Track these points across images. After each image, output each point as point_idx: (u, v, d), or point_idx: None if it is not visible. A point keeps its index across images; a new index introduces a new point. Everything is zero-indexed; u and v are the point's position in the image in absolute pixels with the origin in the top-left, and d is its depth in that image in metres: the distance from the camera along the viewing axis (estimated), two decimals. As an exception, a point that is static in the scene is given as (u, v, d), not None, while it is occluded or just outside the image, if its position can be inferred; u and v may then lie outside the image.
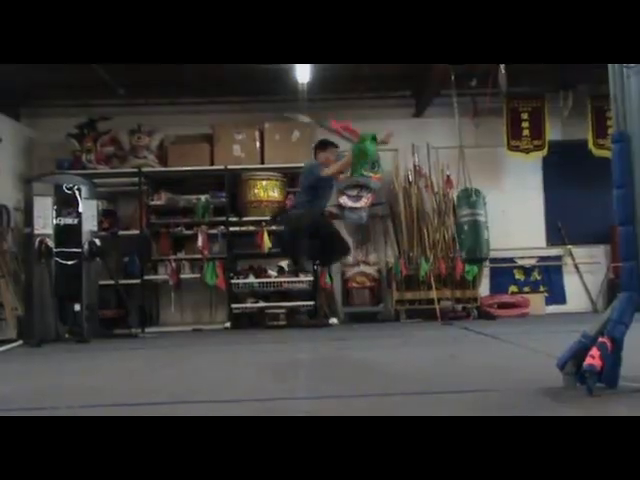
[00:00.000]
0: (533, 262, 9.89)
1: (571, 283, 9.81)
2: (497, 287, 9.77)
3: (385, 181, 9.48)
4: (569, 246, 9.81)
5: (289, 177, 9.24)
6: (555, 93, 9.13)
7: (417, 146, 9.75)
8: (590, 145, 9.39)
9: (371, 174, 9.30)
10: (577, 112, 9.31)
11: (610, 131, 9.30)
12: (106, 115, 9.03)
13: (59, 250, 7.72)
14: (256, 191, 9.03)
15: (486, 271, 9.65)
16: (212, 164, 9.13)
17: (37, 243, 7.61)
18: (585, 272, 9.82)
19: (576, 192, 9.76)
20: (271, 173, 9.08)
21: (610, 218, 9.75)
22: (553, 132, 9.50)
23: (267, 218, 8.92)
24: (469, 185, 9.00)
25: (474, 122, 9.23)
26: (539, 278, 9.86)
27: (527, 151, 9.34)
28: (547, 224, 9.95)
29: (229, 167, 9.03)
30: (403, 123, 9.72)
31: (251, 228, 9.02)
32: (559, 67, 8.14)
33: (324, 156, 5.92)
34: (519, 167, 9.69)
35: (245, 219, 9.05)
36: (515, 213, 9.51)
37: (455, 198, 8.97)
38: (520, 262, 9.84)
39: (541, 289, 9.76)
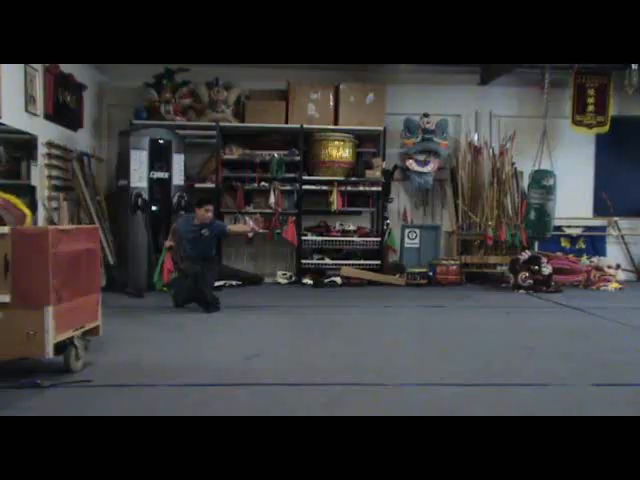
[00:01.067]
0: (579, 231, 10.39)
1: (614, 253, 10.36)
2: (543, 253, 10.28)
3: (450, 147, 9.85)
4: (615, 217, 10.31)
5: (361, 139, 9.48)
6: (621, 70, 9.39)
7: (480, 114, 10.02)
8: (649, 123, 9.78)
9: (440, 140, 9.69)
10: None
11: (670, 111, 9.70)
12: (182, 66, 9.01)
13: (152, 203, 7.93)
14: (329, 151, 9.24)
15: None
16: (287, 122, 9.28)
17: (133, 196, 7.79)
18: (628, 243, 10.37)
19: (625, 166, 10.21)
20: (344, 134, 9.28)
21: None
22: (614, 108, 9.83)
23: (340, 178, 9.25)
24: (545, 164, 9.21)
25: (543, 93, 9.47)
26: (584, 247, 10.38)
27: (591, 126, 9.69)
28: (595, 195, 10.41)
29: (304, 126, 9.19)
30: (467, 90, 9.97)
31: (323, 187, 9.28)
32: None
33: (201, 212, 6.82)
34: (574, 138, 10.05)
35: (317, 178, 9.29)
36: (565, 183, 9.88)
37: (528, 177, 9.25)
38: (567, 231, 10.33)
39: (585, 257, 10.28)
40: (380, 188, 9.39)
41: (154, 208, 7.97)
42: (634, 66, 8.82)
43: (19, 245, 3.64)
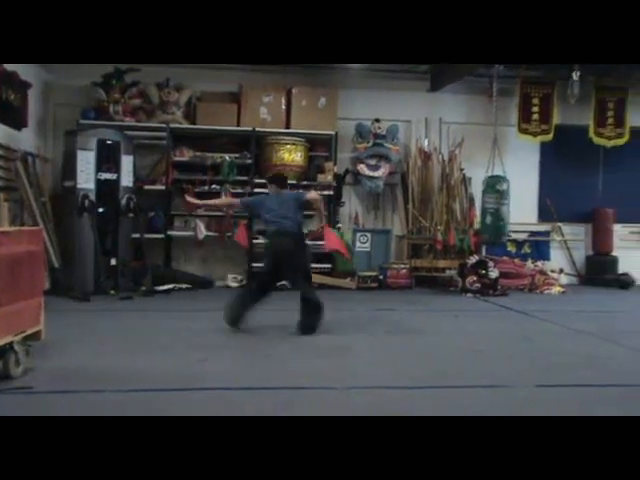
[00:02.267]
0: (525, 236, 10.68)
1: (557, 257, 10.68)
2: (490, 258, 10.52)
3: (400, 152, 9.99)
4: (558, 223, 10.63)
5: (313, 143, 9.52)
6: (564, 80, 9.70)
7: (430, 120, 10.18)
8: (591, 133, 10.12)
9: (391, 145, 9.82)
10: (581, 100, 9.94)
11: (610, 121, 10.09)
12: (132, 66, 8.85)
13: (99, 205, 7.77)
14: (281, 154, 9.24)
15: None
16: (239, 125, 9.24)
17: (80, 197, 7.62)
18: (571, 248, 10.71)
19: (568, 174, 10.55)
20: (296, 138, 9.29)
21: (594, 199, 10.72)
22: (557, 117, 10.14)
23: (292, 181, 9.23)
24: (497, 170, 9.41)
25: (491, 102, 9.69)
26: (529, 251, 10.67)
27: (535, 134, 9.98)
28: (540, 202, 10.71)
29: (257, 129, 9.16)
30: (418, 96, 10.12)
31: (275, 190, 9.25)
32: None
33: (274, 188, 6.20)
34: (520, 146, 10.32)
35: (269, 181, 9.26)
36: (512, 189, 10.08)
37: (483, 182, 9.44)
38: (513, 235, 10.59)
39: (530, 262, 10.55)
40: (332, 192, 9.43)
41: (101, 210, 7.80)
42: (575, 77, 9.13)
43: (-43, 247, 3.51)
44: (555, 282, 9.52)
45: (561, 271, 9.95)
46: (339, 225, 9.58)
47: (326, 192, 9.40)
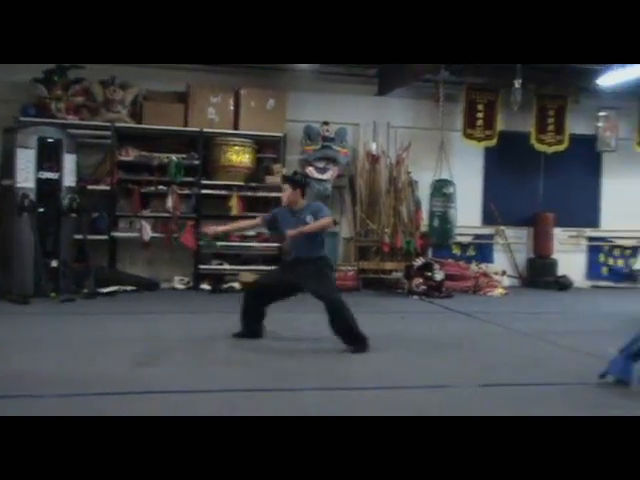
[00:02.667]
0: (469, 239, 10.91)
1: (500, 260, 10.96)
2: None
3: (349, 155, 10.06)
4: (501, 226, 10.91)
5: (262, 145, 9.49)
6: (508, 87, 9.96)
7: (378, 124, 10.29)
8: (532, 139, 10.43)
9: (339, 148, 9.88)
10: (524, 107, 10.22)
11: (550, 128, 10.43)
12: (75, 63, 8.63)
13: (40, 205, 7.55)
14: (229, 155, 9.17)
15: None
16: (186, 125, 9.12)
17: (19, 197, 7.38)
18: (513, 251, 11.00)
19: (510, 179, 10.84)
20: (245, 139, 9.24)
21: (535, 204, 11.06)
22: (501, 123, 10.41)
23: (240, 183, 9.20)
24: (444, 174, 9.57)
25: (437, 107, 9.86)
26: (473, 254, 10.91)
27: (480, 140, 10.21)
28: (484, 205, 10.96)
29: (203, 130, 9.07)
30: (366, 100, 10.21)
31: (223, 192, 9.19)
32: (513, 65, 8.96)
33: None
34: (465, 151, 10.54)
35: (216, 182, 9.19)
36: (458, 193, 10.30)
37: (430, 186, 9.59)
38: (458, 238, 10.79)
39: (474, 264, 10.78)
40: (280, 194, 9.40)
41: (42, 210, 7.57)
42: (517, 84, 9.37)
43: None
44: (498, 284, 9.76)
45: (504, 273, 10.20)
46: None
47: (275, 194, 9.39)
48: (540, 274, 10.77)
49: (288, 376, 4.28)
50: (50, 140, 7.66)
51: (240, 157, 9.22)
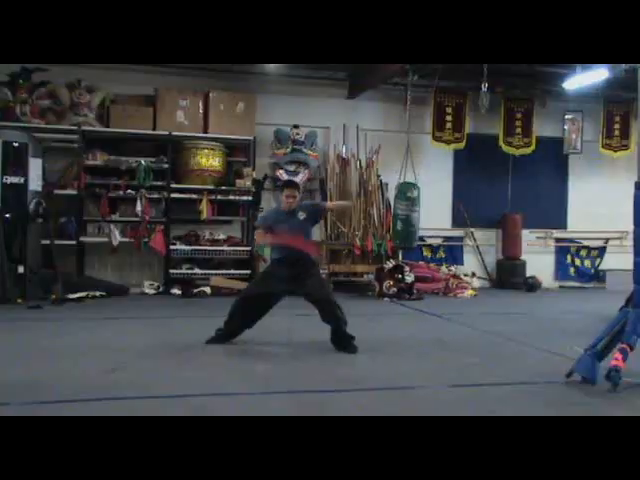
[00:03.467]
0: (439, 241, 11.01)
1: (470, 261, 11.08)
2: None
3: (319, 158, 10.08)
4: (471, 228, 11.03)
5: (232, 148, 9.45)
6: (476, 91, 10.08)
7: (347, 127, 10.33)
8: (500, 142, 10.58)
9: (309, 152, 9.90)
10: (492, 110, 10.36)
11: (518, 131, 10.58)
12: (40, 66, 8.50)
13: (5, 210, 7.41)
14: (198, 159, 9.12)
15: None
16: (155, 128, 9.06)
17: (-17, 202, 7.24)
18: (483, 252, 11.13)
19: (479, 181, 10.98)
20: (214, 143, 9.20)
21: (503, 206, 11.18)
22: (469, 126, 10.53)
23: (209, 187, 9.15)
24: (409, 177, 9.62)
25: (405, 110, 9.93)
26: (444, 256, 11.01)
27: (449, 142, 10.31)
28: (453, 208, 11.07)
29: (172, 133, 9.01)
30: (336, 103, 10.25)
31: (193, 196, 9.13)
32: (480, 68, 9.08)
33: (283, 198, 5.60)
34: (435, 153, 10.64)
35: (186, 186, 9.13)
36: (427, 196, 10.37)
37: (395, 189, 9.64)
38: (429, 240, 10.90)
39: (444, 266, 10.87)
40: (251, 197, 9.39)
41: (7, 215, 7.44)
42: (484, 87, 9.50)
43: None
44: (468, 286, 9.86)
45: (473, 275, 10.33)
46: (259, 231, 9.52)
47: (245, 197, 9.37)
48: (509, 275, 10.92)
49: (256, 379, 4.27)
50: (15, 144, 7.54)
51: (210, 161, 9.18)
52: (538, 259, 11.15)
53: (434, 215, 10.62)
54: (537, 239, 11.40)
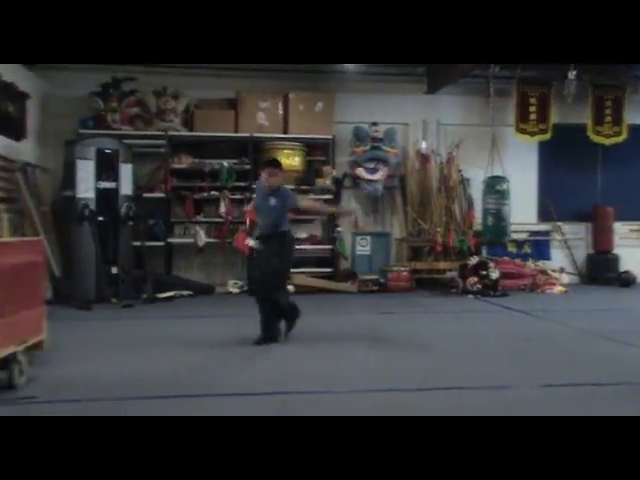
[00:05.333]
0: (525, 236, 10.68)
1: (558, 256, 10.68)
2: (490, 259, 10.52)
3: (398, 155, 10.00)
4: (558, 222, 10.63)
5: (311, 147, 9.54)
6: (561, 80, 9.70)
7: (427, 122, 10.20)
8: (589, 131, 10.13)
9: (389, 149, 9.84)
10: (579, 99, 9.96)
11: (608, 119, 10.11)
12: (129, 75, 8.88)
13: (99, 214, 7.79)
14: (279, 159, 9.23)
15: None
16: (236, 131, 9.28)
17: (80, 207, 7.64)
18: (571, 247, 10.70)
19: (567, 173, 10.56)
20: (294, 143, 9.32)
21: (593, 198, 10.72)
22: (555, 116, 10.15)
23: (289, 186, 9.23)
24: (498, 170, 9.42)
25: (488, 103, 9.70)
26: (529, 251, 10.67)
27: (533, 134, 9.99)
28: (539, 201, 10.71)
29: (254, 135, 9.19)
30: (414, 99, 10.14)
31: (274, 196, 9.26)
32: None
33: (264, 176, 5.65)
34: (518, 146, 10.33)
35: (268, 186, 9.27)
36: (511, 189, 10.09)
37: (483, 183, 9.44)
38: (513, 236, 10.57)
39: (530, 261, 10.53)
40: (330, 196, 9.44)
41: (101, 218, 7.83)
42: (571, 76, 9.14)
43: (-42, 258, 3.52)
44: (556, 282, 9.52)
45: (562, 270, 9.95)
46: (338, 229, 9.60)
47: (325, 196, 9.43)
48: (601, 270, 10.46)
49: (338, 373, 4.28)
50: (107, 151, 7.91)
51: (290, 160, 9.29)
52: (632, 253, 10.59)
53: (519, 209, 10.28)
54: (630, 232, 10.85)
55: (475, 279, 8.77)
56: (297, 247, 9.14)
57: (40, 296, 4.25)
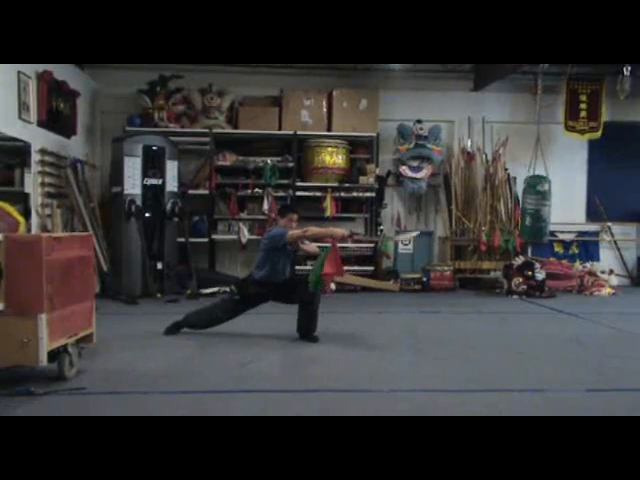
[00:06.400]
0: (572, 237, 10.43)
1: (607, 257, 10.40)
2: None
3: (443, 153, 9.87)
4: (608, 223, 10.35)
5: (355, 145, 9.51)
6: (614, 76, 9.43)
7: (472, 120, 10.05)
8: (642, 129, 9.85)
9: (433, 146, 9.73)
10: (632, 96, 9.67)
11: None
12: (175, 73, 9.01)
13: (145, 210, 7.93)
14: (322, 157, 9.25)
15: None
16: (280, 128, 9.30)
17: (127, 203, 7.78)
18: (622, 248, 10.41)
19: (618, 172, 10.26)
20: (338, 140, 9.30)
21: (644, 198, 10.27)
22: (607, 113, 9.89)
23: (333, 184, 9.25)
24: (539, 169, 9.23)
25: (536, 99, 9.50)
26: (577, 252, 10.42)
27: (583, 132, 9.74)
28: (588, 201, 10.45)
29: (297, 132, 9.21)
30: (460, 96, 10.01)
31: (317, 194, 9.28)
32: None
33: (283, 222, 5.64)
34: (566, 144, 10.09)
35: (310, 184, 9.30)
36: (559, 188, 9.84)
37: (523, 182, 9.27)
38: (560, 236, 10.36)
39: (578, 263, 10.28)
40: (374, 194, 9.40)
41: (147, 215, 7.96)
42: (626, 72, 8.88)
43: (12, 253, 3.62)
44: (605, 283, 9.27)
45: (611, 272, 9.67)
46: (381, 227, 9.55)
47: (368, 194, 9.39)
48: (652, 273, 10.16)
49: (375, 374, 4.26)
50: (154, 148, 8.03)
51: (333, 158, 9.29)
52: (685, 255, 10.28)
53: (566, 209, 10.11)
54: (683, 233, 10.50)
55: (520, 279, 8.61)
56: (341, 245, 9.32)
57: (90, 290, 4.34)
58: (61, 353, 3.90)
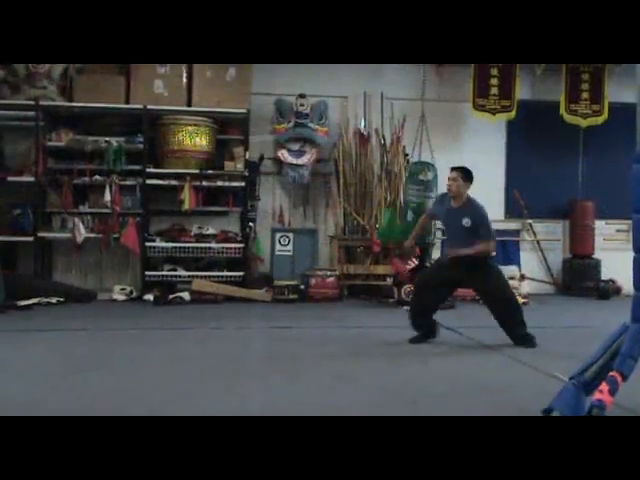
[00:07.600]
0: (488, 236, 8.92)
1: (529, 260, 8.95)
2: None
3: (331, 135, 8.30)
4: (529, 220, 8.90)
5: (224, 124, 7.84)
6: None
7: (369, 95, 8.47)
8: (562, 110, 8.39)
9: (317, 126, 8.11)
10: (550, 70, 8.26)
11: (585, 96, 8.37)
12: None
13: None
14: (180, 138, 7.59)
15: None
16: (128, 102, 7.64)
17: None
18: (545, 249, 8.97)
19: (540, 160, 8.85)
20: (200, 118, 7.63)
21: (572, 191, 8.93)
22: (523, 90, 8.45)
23: (193, 171, 7.58)
24: (425, 155, 7.79)
25: (438, 72, 7.99)
26: (494, 254, 8.88)
27: (494, 112, 8.24)
28: (507, 195, 8.98)
29: (149, 107, 7.53)
30: (355, 68, 8.37)
31: (173, 182, 7.60)
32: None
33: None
34: (481, 127, 8.61)
35: (165, 171, 7.62)
36: (477, 180, 8.35)
37: (405, 171, 7.74)
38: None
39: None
40: (243, 183, 7.73)
41: None
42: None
43: None
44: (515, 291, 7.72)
45: (523, 278, 8.16)
46: (251, 224, 7.89)
47: (236, 183, 7.72)
48: (579, 278, 8.71)
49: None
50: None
51: (194, 139, 7.62)
52: (618, 257, 8.77)
53: (482, 203, 8.58)
54: (617, 232, 9.07)
55: (411, 287, 7.02)
56: (201, 246, 7.67)
57: None
58: None
